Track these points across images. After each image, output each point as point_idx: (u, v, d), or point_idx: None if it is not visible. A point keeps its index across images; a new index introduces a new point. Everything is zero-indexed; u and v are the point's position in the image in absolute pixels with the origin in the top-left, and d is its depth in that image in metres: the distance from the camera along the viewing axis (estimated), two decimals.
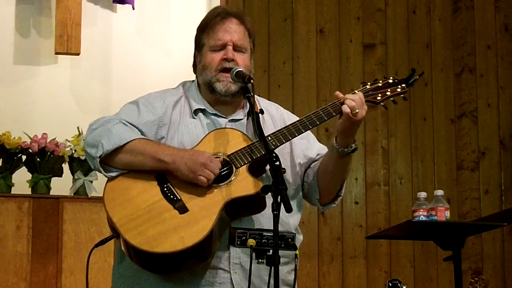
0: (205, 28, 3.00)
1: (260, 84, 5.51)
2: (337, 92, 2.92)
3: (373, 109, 5.68)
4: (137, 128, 2.90)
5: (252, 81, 2.83)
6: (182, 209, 2.75)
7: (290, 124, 2.92)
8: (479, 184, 5.81)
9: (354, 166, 5.66)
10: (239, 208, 2.80)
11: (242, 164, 2.82)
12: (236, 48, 2.97)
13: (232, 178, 2.80)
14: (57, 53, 5.23)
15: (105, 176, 2.88)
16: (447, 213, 4.01)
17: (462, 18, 5.94)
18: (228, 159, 2.83)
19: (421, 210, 4.03)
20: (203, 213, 2.73)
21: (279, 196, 2.54)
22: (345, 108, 2.84)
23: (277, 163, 2.62)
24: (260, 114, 2.82)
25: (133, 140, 2.84)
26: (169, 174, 2.82)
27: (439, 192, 4.06)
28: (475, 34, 5.94)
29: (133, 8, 5.37)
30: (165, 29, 5.50)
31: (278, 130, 2.90)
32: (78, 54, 5.22)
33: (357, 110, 2.83)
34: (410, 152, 5.77)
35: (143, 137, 2.88)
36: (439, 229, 4.07)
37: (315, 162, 3.05)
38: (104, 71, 5.40)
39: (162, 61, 5.42)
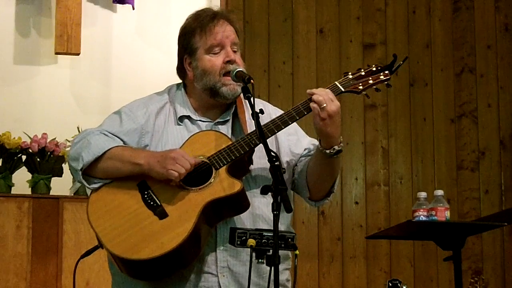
0: (196, 31, 2.96)
1: (260, 84, 5.51)
2: (309, 90, 2.87)
3: (373, 109, 5.71)
4: (118, 137, 2.91)
5: (252, 81, 2.82)
6: (162, 215, 2.75)
7: (270, 121, 2.86)
8: (479, 184, 5.81)
9: (354, 166, 5.66)
10: (221, 210, 2.79)
11: (222, 165, 2.80)
12: (232, 48, 2.96)
13: (212, 180, 2.79)
14: (57, 53, 5.23)
15: (88, 188, 2.90)
16: (447, 213, 4.01)
17: (462, 18, 5.94)
18: (208, 161, 2.82)
19: (421, 210, 4.03)
20: (182, 217, 2.73)
21: (279, 196, 2.53)
22: (312, 104, 2.81)
23: (277, 163, 2.62)
24: (260, 114, 2.80)
25: (111, 148, 2.85)
26: (150, 180, 2.82)
27: (439, 192, 4.06)
28: (475, 34, 5.94)
29: (133, 8, 5.36)
30: (165, 29, 5.49)
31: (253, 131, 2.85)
32: (78, 54, 5.22)
33: (324, 105, 2.79)
34: (410, 152, 5.77)
35: (121, 144, 2.89)
36: (439, 229, 4.07)
37: (303, 159, 3.01)
38: (104, 71, 5.40)
39: (162, 61, 5.41)
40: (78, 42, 5.20)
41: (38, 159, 4.86)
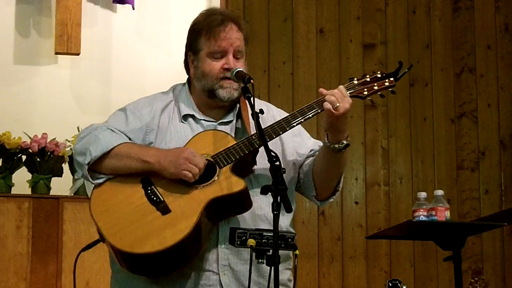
0: (203, 33, 2.96)
1: (260, 84, 5.51)
2: (321, 89, 2.91)
3: (373, 109, 5.71)
4: (125, 135, 2.92)
5: (252, 81, 2.82)
6: (165, 210, 2.77)
7: (275, 123, 2.90)
8: (479, 184, 5.81)
9: (354, 166, 5.66)
10: (223, 208, 2.80)
11: (226, 164, 2.82)
12: (236, 55, 2.96)
13: (215, 178, 2.81)
14: (57, 53, 5.23)
15: (92, 183, 2.91)
16: (447, 213, 4.01)
17: (462, 18, 5.94)
18: (212, 159, 2.83)
19: (421, 210, 4.03)
20: (185, 214, 2.74)
21: (279, 196, 2.54)
22: (326, 105, 2.83)
23: (277, 163, 2.62)
24: (260, 114, 2.81)
25: (119, 144, 2.86)
26: (154, 176, 2.83)
27: (439, 192, 4.06)
28: (475, 34, 5.94)
29: (133, 8, 5.37)
30: (165, 29, 5.50)
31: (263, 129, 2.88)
32: (78, 54, 5.22)
33: (337, 104, 2.82)
34: (410, 152, 5.77)
35: (129, 141, 2.90)
36: (439, 229, 4.07)
37: (309, 159, 3.04)
38: (104, 71, 5.40)
39: (162, 61, 5.42)
40: (78, 42, 5.20)
41: (38, 159, 4.86)
